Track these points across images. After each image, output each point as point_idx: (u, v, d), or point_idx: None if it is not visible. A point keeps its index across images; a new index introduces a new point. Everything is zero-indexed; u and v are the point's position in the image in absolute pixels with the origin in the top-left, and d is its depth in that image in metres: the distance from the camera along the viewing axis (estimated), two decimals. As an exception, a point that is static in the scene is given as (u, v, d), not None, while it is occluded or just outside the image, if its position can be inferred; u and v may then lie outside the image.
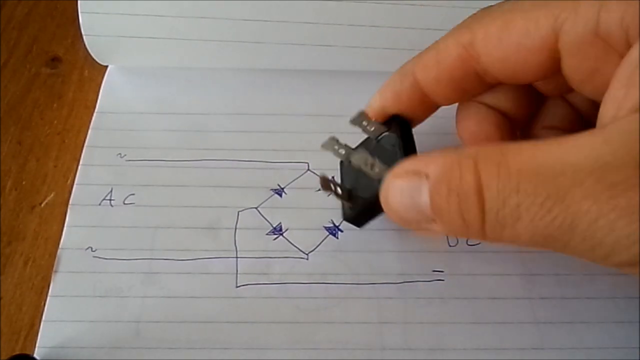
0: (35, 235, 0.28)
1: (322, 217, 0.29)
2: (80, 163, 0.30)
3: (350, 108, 0.32)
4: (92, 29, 0.30)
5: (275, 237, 0.28)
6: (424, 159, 0.20)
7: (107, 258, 0.27)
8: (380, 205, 0.28)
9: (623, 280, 0.27)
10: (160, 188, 0.29)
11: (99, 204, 0.29)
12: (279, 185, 0.30)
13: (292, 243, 0.28)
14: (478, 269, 0.27)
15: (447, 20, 0.29)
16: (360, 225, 0.27)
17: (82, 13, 0.30)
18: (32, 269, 0.27)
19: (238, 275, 0.27)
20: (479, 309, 0.26)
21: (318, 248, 0.28)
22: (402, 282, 0.27)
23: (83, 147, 0.31)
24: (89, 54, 0.32)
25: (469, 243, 0.28)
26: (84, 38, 0.30)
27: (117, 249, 0.27)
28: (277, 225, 0.28)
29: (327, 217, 0.29)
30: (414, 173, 0.19)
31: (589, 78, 0.21)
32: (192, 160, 0.30)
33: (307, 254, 0.28)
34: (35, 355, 0.25)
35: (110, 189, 0.29)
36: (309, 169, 0.30)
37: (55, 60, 0.35)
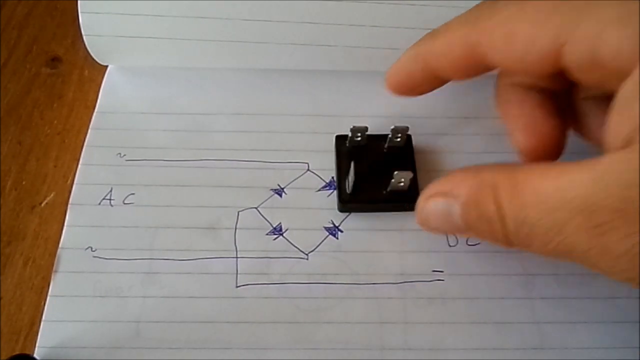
0: (35, 235, 0.28)
1: (322, 217, 0.29)
2: (80, 163, 0.30)
3: (350, 108, 0.33)
4: (92, 29, 0.30)
5: (275, 237, 0.28)
6: (450, 181, 0.23)
7: (107, 258, 0.27)
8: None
9: (623, 280, 0.27)
10: (160, 188, 0.29)
11: (99, 204, 0.29)
12: (279, 185, 0.30)
13: (292, 243, 0.28)
14: (478, 269, 0.27)
15: (447, 20, 0.29)
16: (350, 211, 0.29)
17: (82, 13, 0.30)
18: (32, 269, 0.27)
19: (238, 275, 0.27)
20: (479, 309, 0.26)
21: (318, 248, 0.28)
22: (402, 282, 0.27)
23: (83, 147, 0.31)
24: (89, 54, 0.32)
25: (469, 243, 0.28)
26: (84, 38, 0.30)
27: (117, 249, 0.27)
28: (277, 225, 0.28)
29: (327, 217, 0.29)
30: (443, 195, 0.23)
31: (600, 86, 0.21)
32: (192, 160, 0.30)
33: (307, 254, 0.28)
34: (35, 355, 0.25)
35: (110, 189, 0.29)
36: (309, 169, 0.30)
37: (55, 60, 0.35)
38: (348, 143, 0.30)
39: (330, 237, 0.28)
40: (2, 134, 0.31)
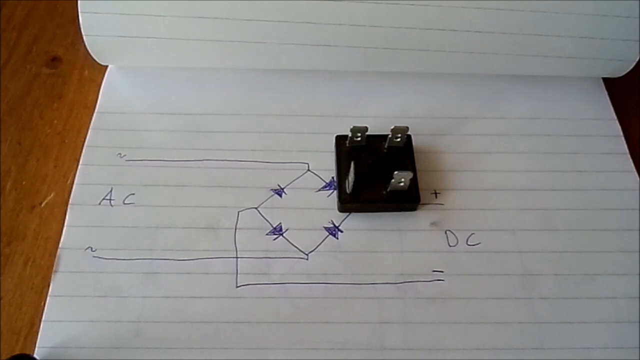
0: (35, 235, 0.28)
1: (322, 217, 0.29)
2: (80, 163, 0.30)
3: (350, 108, 0.33)
4: (92, 29, 0.30)
5: (275, 237, 0.28)
6: None
7: (107, 258, 0.27)
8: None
9: (623, 280, 0.27)
10: (160, 188, 0.29)
11: (99, 204, 0.29)
12: (279, 185, 0.30)
13: (292, 243, 0.28)
14: (478, 269, 0.27)
15: (447, 20, 0.29)
16: (350, 211, 0.29)
17: (82, 13, 0.30)
18: (32, 269, 0.27)
19: (238, 275, 0.27)
20: (479, 309, 0.26)
21: (318, 248, 0.28)
22: (402, 282, 0.27)
23: (83, 147, 0.31)
24: (89, 54, 0.32)
25: (469, 243, 0.28)
26: (84, 38, 0.30)
27: (117, 249, 0.27)
28: (277, 225, 0.28)
29: (327, 217, 0.29)
30: None
31: None
32: (192, 160, 0.30)
33: (307, 254, 0.28)
34: (35, 355, 0.25)
35: (110, 189, 0.29)
36: (309, 169, 0.30)
37: (55, 60, 0.35)
38: (348, 143, 0.30)
39: (330, 237, 0.28)
40: (2, 134, 0.31)
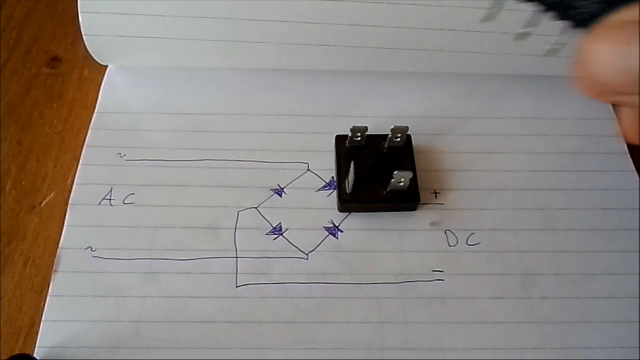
0: (35, 235, 0.28)
1: (322, 217, 0.29)
2: (80, 163, 0.30)
3: (350, 108, 0.33)
4: (92, 29, 0.30)
5: (275, 237, 0.28)
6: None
7: (107, 258, 0.27)
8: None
9: (623, 280, 0.27)
10: (160, 188, 0.29)
11: (99, 204, 0.29)
12: (279, 185, 0.30)
13: (292, 243, 0.28)
14: (478, 269, 0.27)
15: (447, 20, 0.29)
16: (350, 211, 0.29)
17: (82, 13, 0.30)
18: (32, 269, 0.27)
19: (238, 275, 0.27)
20: (479, 309, 0.26)
21: (318, 248, 0.28)
22: (402, 282, 0.27)
23: (83, 147, 0.31)
24: (89, 54, 0.32)
25: (469, 243, 0.28)
26: (84, 38, 0.30)
27: (117, 249, 0.27)
28: (277, 225, 0.28)
29: (327, 217, 0.29)
30: (630, 24, 0.16)
31: None
32: (192, 160, 0.30)
33: (307, 254, 0.28)
34: (35, 355, 0.25)
35: (110, 189, 0.29)
36: (309, 169, 0.30)
37: (55, 60, 0.35)
38: (348, 143, 0.30)
39: (330, 237, 0.28)
40: (2, 134, 0.31)
